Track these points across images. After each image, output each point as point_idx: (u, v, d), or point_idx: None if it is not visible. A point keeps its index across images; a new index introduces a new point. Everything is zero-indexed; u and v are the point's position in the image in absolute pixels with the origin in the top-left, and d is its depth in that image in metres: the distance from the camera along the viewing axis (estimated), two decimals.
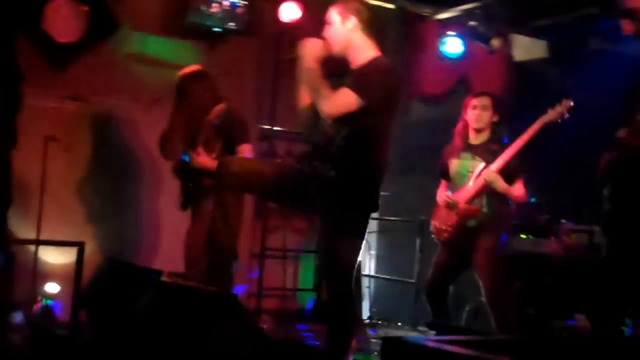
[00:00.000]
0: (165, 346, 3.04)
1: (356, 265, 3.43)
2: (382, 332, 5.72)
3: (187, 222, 4.97)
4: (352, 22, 3.49)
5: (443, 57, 6.70)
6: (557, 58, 6.75)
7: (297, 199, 3.57)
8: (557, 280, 5.13)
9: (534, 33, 6.82)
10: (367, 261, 6.61)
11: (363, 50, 3.51)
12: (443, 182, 4.86)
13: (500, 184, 4.45)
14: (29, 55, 5.60)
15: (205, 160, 4.65)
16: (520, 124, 4.73)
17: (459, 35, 6.58)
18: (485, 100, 4.64)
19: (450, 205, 4.61)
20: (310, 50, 3.43)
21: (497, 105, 4.68)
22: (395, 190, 5.82)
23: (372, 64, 3.44)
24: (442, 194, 4.74)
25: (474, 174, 4.55)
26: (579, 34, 6.28)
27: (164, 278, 3.37)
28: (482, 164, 4.54)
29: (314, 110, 3.51)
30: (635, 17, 3.12)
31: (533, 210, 5.50)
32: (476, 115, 4.61)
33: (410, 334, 5.72)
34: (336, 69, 3.53)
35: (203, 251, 4.59)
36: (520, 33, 6.85)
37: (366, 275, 6.48)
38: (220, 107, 4.64)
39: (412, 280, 6.36)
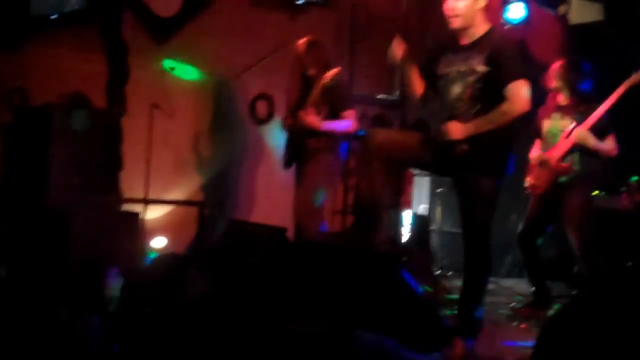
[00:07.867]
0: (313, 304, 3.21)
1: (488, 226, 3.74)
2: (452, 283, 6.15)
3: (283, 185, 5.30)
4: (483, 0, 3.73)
5: (506, 23, 7.05)
6: (613, 21, 7.03)
7: (434, 167, 3.92)
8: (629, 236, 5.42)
9: None
10: (436, 216, 7.03)
11: (481, 24, 3.76)
12: (537, 141, 5.11)
13: (591, 141, 4.73)
14: (134, 30, 6.09)
15: (313, 119, 4.88)
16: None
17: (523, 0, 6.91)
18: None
19: (543, 164, 4.90)
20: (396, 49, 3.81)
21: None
22: None
23: (504, 42, 3.73)
24: (535, 153, 5.01)
25: (565, 133, 4.83)
26: None
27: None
28: (573, 124, 4.80)
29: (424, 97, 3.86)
30: None
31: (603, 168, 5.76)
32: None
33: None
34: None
35: (312, 214, 4.97)
36: None
37: (434, 230, 6.90)
38: (335, 70, 4.85)
39: None
